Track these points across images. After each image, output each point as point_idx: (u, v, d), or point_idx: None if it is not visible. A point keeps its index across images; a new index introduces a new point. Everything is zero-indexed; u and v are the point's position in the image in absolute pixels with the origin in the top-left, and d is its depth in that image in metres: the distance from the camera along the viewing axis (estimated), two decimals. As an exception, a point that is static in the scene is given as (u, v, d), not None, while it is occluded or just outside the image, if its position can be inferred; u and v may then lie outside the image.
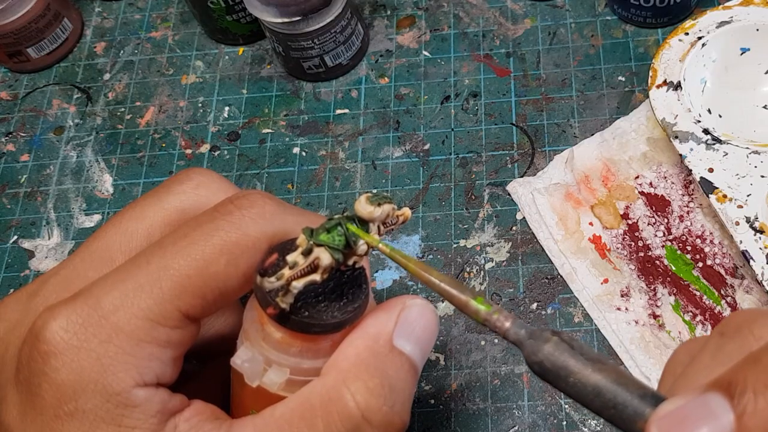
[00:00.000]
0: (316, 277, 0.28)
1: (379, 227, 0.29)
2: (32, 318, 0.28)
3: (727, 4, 0.49)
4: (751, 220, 0.43)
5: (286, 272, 0.27)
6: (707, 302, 0.44)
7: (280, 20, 0.51)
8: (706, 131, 0.45)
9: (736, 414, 0.20)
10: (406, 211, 0.30)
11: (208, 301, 0.28)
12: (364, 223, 0.29)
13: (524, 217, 0.48)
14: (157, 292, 0.28)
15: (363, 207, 0.28)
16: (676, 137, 0.46)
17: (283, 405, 0.28)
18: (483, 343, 0.45)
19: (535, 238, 0.47)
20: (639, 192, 0.48)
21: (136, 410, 0.27)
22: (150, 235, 0.32)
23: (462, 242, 0.48)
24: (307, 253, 0.28)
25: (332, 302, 0.29)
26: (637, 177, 0.48)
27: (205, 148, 0.54)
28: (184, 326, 0.29)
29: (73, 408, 0.27)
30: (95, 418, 0.27)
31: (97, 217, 0.52)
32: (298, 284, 0.27)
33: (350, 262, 0.29)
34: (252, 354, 0.29)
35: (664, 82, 0.48)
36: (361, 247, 0.28)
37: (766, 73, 0.49)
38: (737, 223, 0.43)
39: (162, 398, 0.28)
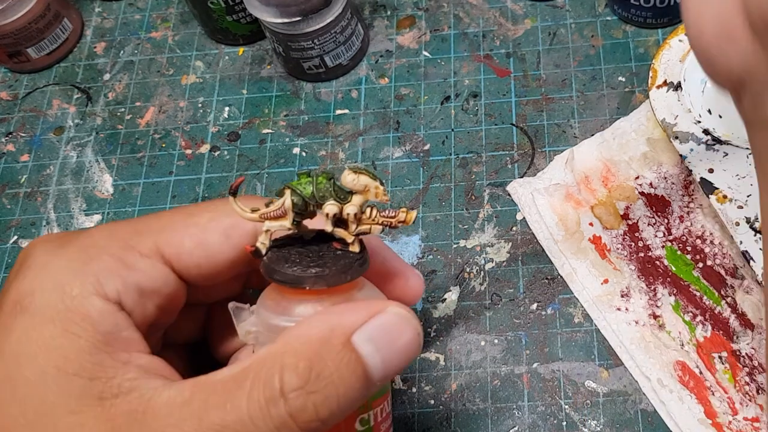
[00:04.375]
0: (286, 222, 0.30)
1: (371, 212, 0.30)
2: None
3: (727, 4, 0.49)
4: (751, 221, 0.43)
5: (262, 208, 0.30)
6: (707, 302, 0.44)
7: (280, 20, 0.51)
8: (706, 132, 0.45)
9: None
10: (411, 214, 0.31)
11: (186, 247, 0.30)
12: (349, 193, 0.30)
13: (524, 218, 0.48)
14: (141, 226, 0.31)
15: (344, 173, 0.30)
16: (676, 138, 0.46)
17: (232, 366, 0.28)
18: (483, 343, 0.45)
19: (535, 238, 0.47)
20: (639, 192, 0.48)
21: (86, 319, 0.28)
22: None
23: (462, 242, 0.48)
24: (279, 194, 0.30)
25: (303, 260, 0.30)
26: (637, 177, 0.48)
27: (205, 149, 0.54)
28: (158, 260, 0.30)
29: (28, 303, 0.28)
30: (44, 316, 0.27)
31: (97, 218, 0.52)
32: (269, 224, 0.30)
33: (330, 229, 0.30)
34: (246, 305, 0.31)
35: (665, 83, 0.48)
36: (328, 206, 0.30)
37: (766, 73, 0.49)
38: (737, 224, 0.43)
39: (117, 322, 0.28)
